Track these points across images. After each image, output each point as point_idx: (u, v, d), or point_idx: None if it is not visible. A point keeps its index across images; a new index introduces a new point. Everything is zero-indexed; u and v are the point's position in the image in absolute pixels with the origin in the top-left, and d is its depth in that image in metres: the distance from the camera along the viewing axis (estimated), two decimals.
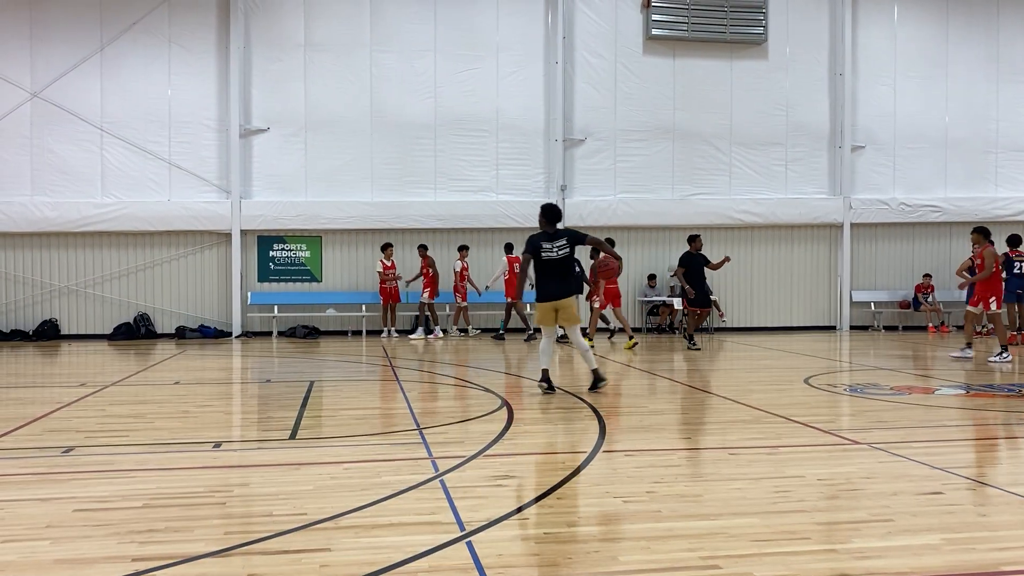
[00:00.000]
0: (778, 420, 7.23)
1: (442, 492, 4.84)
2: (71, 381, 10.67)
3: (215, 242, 17.59)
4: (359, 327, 17.74)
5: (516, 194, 18.29)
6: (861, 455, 5.85)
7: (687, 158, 18.79)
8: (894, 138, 19.48)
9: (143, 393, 9.37)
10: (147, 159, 17.28)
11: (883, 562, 3.68)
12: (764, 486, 4.97)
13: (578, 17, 18.39)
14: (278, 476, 5.33)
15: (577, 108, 18.42)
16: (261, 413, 8.13)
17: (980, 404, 8.28)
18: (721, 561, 3.68)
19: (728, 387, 9.54)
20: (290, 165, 17.68)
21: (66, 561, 3.72)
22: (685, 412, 8.00)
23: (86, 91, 17.06)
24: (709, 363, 12.61)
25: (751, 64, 18.94)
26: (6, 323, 17.05)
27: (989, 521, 4.32)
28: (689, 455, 5.93)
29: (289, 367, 12.25)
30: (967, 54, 19.61)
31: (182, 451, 6.17)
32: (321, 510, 4.46)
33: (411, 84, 17.92)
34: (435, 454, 5.88)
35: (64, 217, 16.91)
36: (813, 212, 19.10)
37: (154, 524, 4.22)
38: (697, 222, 18.71)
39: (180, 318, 17.51)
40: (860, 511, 4.47)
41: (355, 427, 7.08)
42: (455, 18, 18.06)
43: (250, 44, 17.50)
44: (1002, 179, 19.83)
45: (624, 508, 4.52)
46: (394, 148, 17.93)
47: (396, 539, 3.99)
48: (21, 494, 4.90)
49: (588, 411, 7.71)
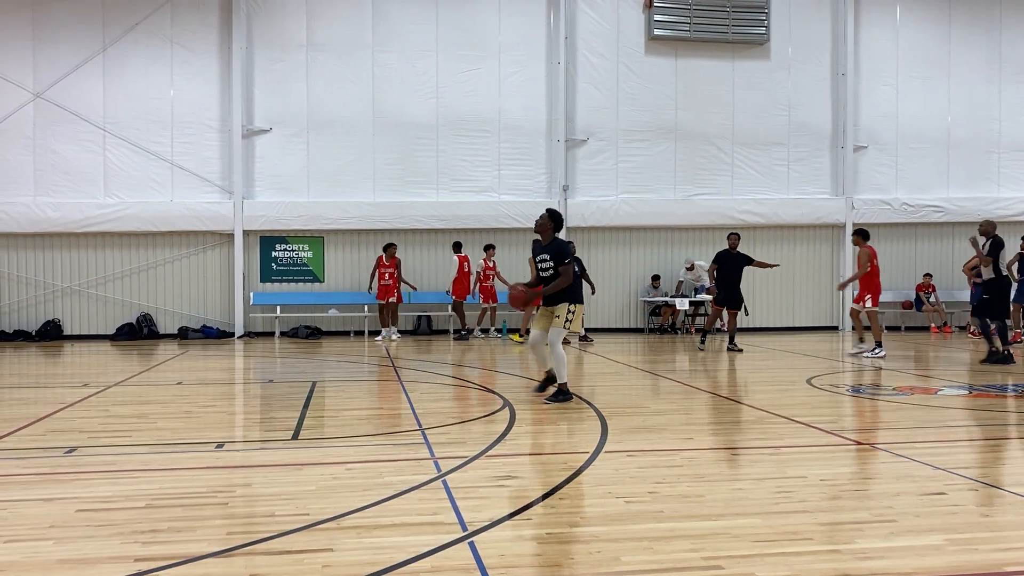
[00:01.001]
0: (780, 420, 7.23)
1: (444, 492, 4.85)
2: (74, 381, 10.68)
3: (217, 242, 17.60)
4: (361, 327, 17.75)
5: (518, 194, 18.29)
6: (864, 456, 5.84)
7: (689, 158, 18.79)
8: (896, 138, 19.47)
9: (146, 393, 9.38)
10: (149, 159, 17.30)
11: (886, 563, 3.68)
12: (766, 486, 4.97)
13: (580, 17, 18.39)
14: (280, 476, 5.33)
15: (579, 108, 18.42)
16: (264, 413, 8.14)
17: (983, 404, 8.27)
18: (723, 561, 3.68)
19: (730, 387, 9.53)
20: (292, 165, 17.70)
21: (69, 561, 3.73)
22: (687, 412, 8.00)
23: (88, 92, 17.09)
24: (711, 363, 12.60)
25: (753, 64, 18.93)
26: (9, 323, 17.07)
27: (992, 521, 4.31)
28: (691, 455, 5.93)
29: (291, 367, 12.26)
30: (969, 54, 19.60)
31: (185, 451, 6.17)
32: (323, 510, 4.46)
33: (413, 84, 17.93)
34: (437, 454, 5.89)
35: (67, 218, 16.93)
36: (815, 212, 19.09)
37: (157, 524, 4.23)
38: (699, 222, 18.73)
39: (182, 318, 17.52)
40: (863, 511, 4.47)
41: (357, 427, 7.08)
42: (457, 18, 18.07)
43: (252, 44, 17.51)
44: (1004, 179, 19.81)
45: (626, 508, 4.52)
46: (396, 148, 17.94)
47: (398, 539, 3.99)
48: (24, 494, 4.91)
49: (590, 411, 7.71)
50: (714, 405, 8.27)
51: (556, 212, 8.76)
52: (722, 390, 9.25)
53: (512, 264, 17.90)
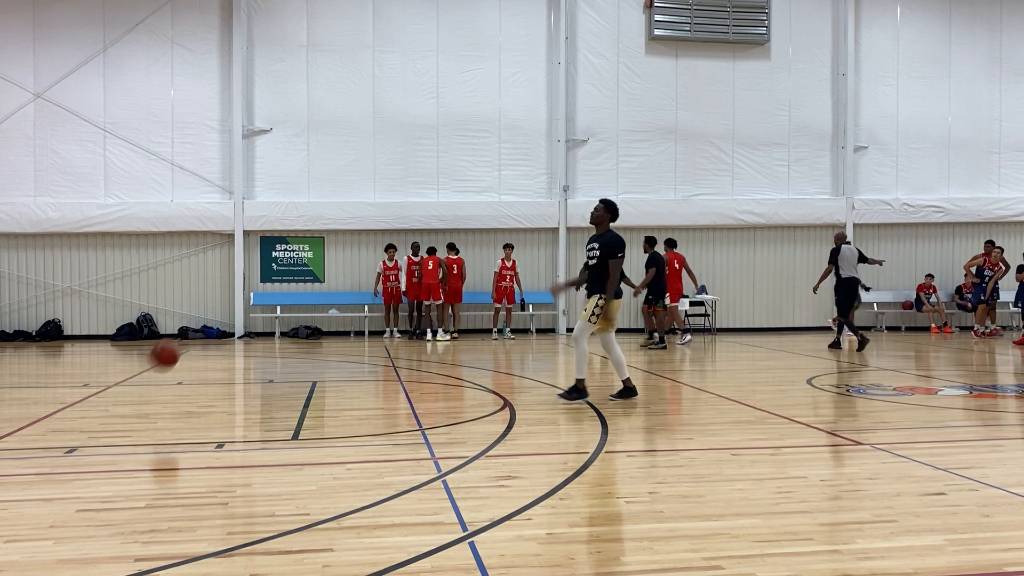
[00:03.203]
0: (781, 421, 7.23)
1: (444, 492, 4.85)
2: (74, 381, 10.68)
3: (218, 243, 17.60)
4: (361, 328, 17.75)
5: (518, 195, 18.29)
6: (864, 456, 5.84)
7: (690, 158, 18.79)
8: (897, 138, 19.46)
9: (146, 394, 9.38)
10: (150, 160, 17.30)
11: (886, 563, 3.68)
12: (767, 487, 4.97)
13: (580, 18, 18.39)
14: (281, 476, 5.33)
15: (579, 108, 18.42)
16: (264, 414, 8.14)
17: (983, 404, 8.27)
18: (724, 562, 3.68)
19: (730, 387, 9.53)
20: (293, 166, 17.70)
21: (69, 561, 3.73)
22: (687, 413, 8.00)
23: (89, 92, 17.09)
24: (711, 364, 12.60)
25: (754, 64, 18.93)
26: (9, 324, 17.07)
27: (992, 522, 4.31)
28: (691, 456, 5.93)
29: (292, 368, 12.26)
30: (970, 54, 19.59)
31: (185, 451, 6.17)
32: (324, 510, 4.46)
33: (413, 85, 17.93)
34: (437, 454, 5.88)
35: (67, 218, 16.94)
36: (816, 212, 19.08)
37: (157, 524, 4.23)
38: (700, 222, 18.73)
39: (183, 319, 17.53)
40: (863, 512, 4.47)
41: (358, 427, 7.08)
42: (457, 19, 18.07)
43: (253, 45, 17.52)
44: (1005, 179, 19.80)
45: (627, 509, 4.52)
46: (396, 149, 17.94)
47: (399, 539, 3.99)
48: (24, 494, 4.91)
49: (590, 412, 7.71)
50: (714, 405, 8.27)
51: (612, 202, 8.50)
52: (722, 390, 9.24)
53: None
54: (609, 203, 8.52)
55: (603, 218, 8.42)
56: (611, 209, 8.47)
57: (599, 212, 8.45)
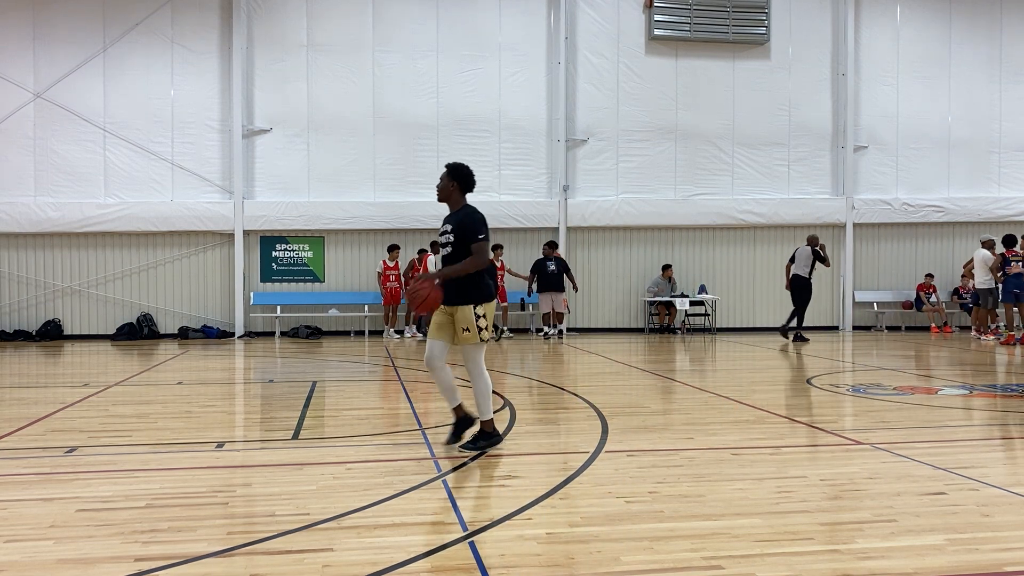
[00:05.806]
0: (781, 420, 7.22)
1: (445, 492, 4.85)
2: (74, 381, 10.68)
3: (218, 242, 17.60)
4: (361, 327, 17.75)
5: (518, 194, 18.30)
6: (864, 455, 5.84)
7: (690, 158, 18.79)
8: (897, 138, 19.46)
9: (146, 393, 9.38)
10: (150, 160, 17.31)
11: (886, 563, 3.67)
12: (767, 486, 4.97)
13: (580, 17, 18.39)
14: (281, 476, 5.33)
15: (579, 108, 18.42)
16: (264, 413, 8.13)
17: (983, 404, 8.27)
18: (724, 561, 3.68)
19: (730, 387, 9.53)
20: (293, 165, 17.70)
21: (69, 561, 3.73)
22: (687, 412, 7.99)
23: (89, 92, 17.10)
24: (711, 363, 12.60)
25: (753, 64, 18.93)
26: (9, 323, 17.08)
27: (992, 521, 4.31)
28: (692, 455, 5.92)
29: (292, 367, 12.26)
30: (970, 54, 19.59)
31: (185, 451, 6.17)
32: (324, 510, 4.46)
33: (413, 84, 17.93)
34: (438, 454, 5.89)
35: (67, 218, 16.94)
36: (816, 212, 19.08)
37: (157, 524, 4.23)
38: (700, 222, 18.73)
39: (183, 318, 17.53)
40: (863, 511, 4.47)
41: (358, 427, 7.08)
42: (457, 18, 18.07)
43: (252, 44, 17.52)
44: (1005, 179, 19.80)
45: (627, 508, 4.51)
46: (396, 148, 17.94)
47: (399, 539, 3.99)
48: (24, 494, 4.91)
49: (590, 411, 7.71)
50: (714, 405, 8.27)
51: (461, 167, 6.10)
52: (722, 390, 9.24)
53: (512, 264, 17.89)
54: (457, 168, 6.09)
55: (449, 190, 6.05)
56: (458, 176, 6.05)
57: (443, 183, 6.08)
